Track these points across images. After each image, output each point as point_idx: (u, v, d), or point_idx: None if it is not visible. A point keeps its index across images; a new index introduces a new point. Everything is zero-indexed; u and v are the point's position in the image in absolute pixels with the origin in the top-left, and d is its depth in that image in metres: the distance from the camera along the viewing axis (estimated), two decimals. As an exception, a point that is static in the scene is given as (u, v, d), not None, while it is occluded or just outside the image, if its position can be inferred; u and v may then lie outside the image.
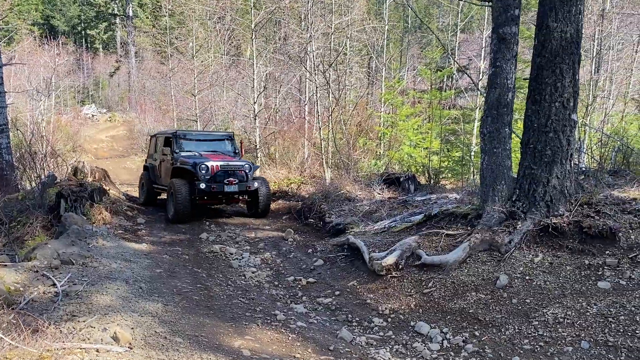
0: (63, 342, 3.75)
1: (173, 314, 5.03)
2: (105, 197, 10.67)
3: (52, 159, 13.05)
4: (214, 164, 10.92)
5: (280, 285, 7.06)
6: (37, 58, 29.29)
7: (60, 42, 33.14)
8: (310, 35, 17.43)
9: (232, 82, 23.96)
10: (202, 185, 10.58)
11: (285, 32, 22.53)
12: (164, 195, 12.39)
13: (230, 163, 11.18)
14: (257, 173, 13.60)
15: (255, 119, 17.84)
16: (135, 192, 14.74)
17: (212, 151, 12.10)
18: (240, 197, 11.46)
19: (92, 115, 37.36)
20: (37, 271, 5.68)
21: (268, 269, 7.81)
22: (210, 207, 12.34)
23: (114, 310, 4.68)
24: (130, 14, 40.74)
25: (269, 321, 5.39)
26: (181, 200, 10.45)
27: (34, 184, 11.24)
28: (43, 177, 11.16)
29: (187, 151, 11.73)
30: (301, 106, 21.17)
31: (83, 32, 50.92)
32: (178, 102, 25.95)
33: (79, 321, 4.32)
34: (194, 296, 5.97)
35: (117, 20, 46.93)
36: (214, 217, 11.63)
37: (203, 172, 10.73)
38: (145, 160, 14.26)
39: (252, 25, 18.02)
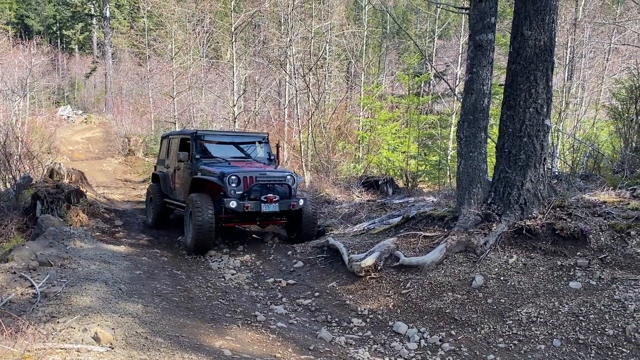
0: (44, 342, 3.74)
1: (153, 314, 5.04)
2: (82, 199, 10.56)
3: (28, 161, 12.89)
4: (247, 174, 8.46)
5: (260, 287, 7.10)
6: (12, 58, 28.77)
7: (35, 42, 32.60)
8: (290, 39, 17.52)
9: (211, 85, 23.91)
10: (233, 204, 8.08)
11: (265, 36, 22.58)
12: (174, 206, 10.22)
13: (269, 173, 8.69)
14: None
15: (234, 122, 17.83)
16: (113, 195, 14.58)
17: (241, 157, 9.71)
18: (280, 219, 9.13)
19: (68, 117, 36.76)
20: (14, 272, 5.63)
21: (248, 271, 7.84)
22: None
23: (94, 311, 4.67)
24: (108, 14, 40.25)
25: (249, 322, 5.43)
26: (203, 222, 7.94)
27: (8, 186, 11.08)
28: (18, 178, 11.03)
29: (210, 157, 9.38)
30: (281, 109, 21.24)
31: (58, 32, 50.18)
32: (156, 103, 25.80)
33: (58, 322, 4.31)
34: (174, 297, 5.98)
35: (94, 21, 46.30)
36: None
37: (233, 185, 8.32)
38: (155, 167, 11.71)
39: (232, 29, 18.04)
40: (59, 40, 49.92)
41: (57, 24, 49.73)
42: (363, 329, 5.59)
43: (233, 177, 8.35)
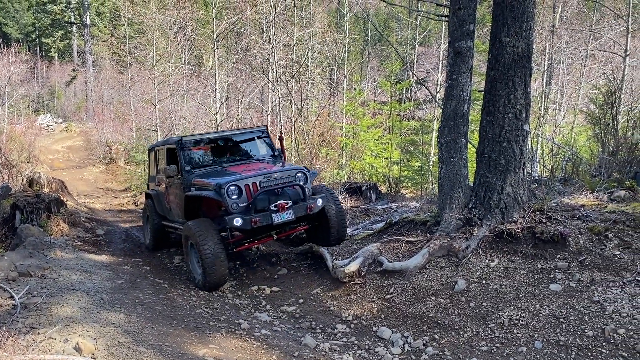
0: (24, 354, 3.69)
1: (136, 324, 5.00)
2: (63, 209, 10.44)
3: (6, 170, 12.71)
4: (248, 180, 7.08)
5: (243, 295, 7.08)
6: (-11, 66, 28.39)
7: (13, 50, 32.19)
8: (272, 47, 17.56)
9: (193, 92, 23.81)
10: (237, 221, 6.69)
11: (248, 43, 22.59)
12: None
13: (274, 175, 7.27)
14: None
15: (217, 129, 17.78)
16: (94, 204, 14.43)
17: (239, 160, 8.42)
18: (300, 226, 7.89)
19: (48, 126, 36.32)
20: (-7, 284, 5.54)
21: (231, 278, 7.80)
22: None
23: (75, 322, 4.61)
24: (88, 22, 39.96)
25: (233, 330, 5.41)
26: (211, 257, 6.63)
27: (-13, 196, 10.89)
28: (-3, 188, 10.84)
29: (202, 165, 8.11)
30: (264, 116, 21.23)
31: (38, 40, 49.59)
32: (137, 111, 25.62)
33: (39, 333, 4.25)
34: (157, 306, 5.93)
35: (74, 29, 45.91)
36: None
37: (234, 197, 6.92)
38: (147, 185, 10.44)
39: (214, 36, 18.02)
40: (38, 48, 49.33)
41: (37, 32, 49.16)
42: (347, 334, 5.60)
43: (232, 188, 6.90)
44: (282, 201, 7.01)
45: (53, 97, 44.92)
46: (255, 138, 8.78)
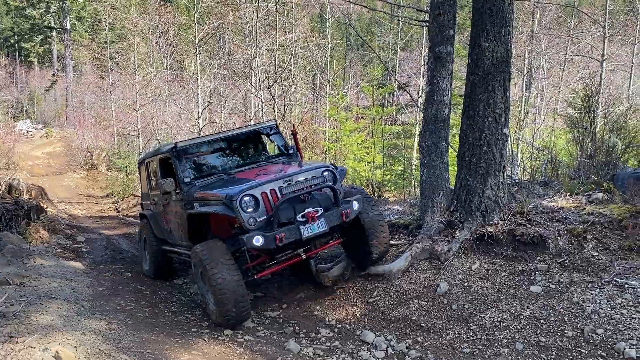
0: (1, 363, 3.64)
1: (117, 331, 4.95)
2: (43, 215, 10.29)
3: (-16, 177, 12.48)
4: (265, 187, 5.65)
5: (227, 300, 7.03)
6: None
7: (-9, 55, 31.73)
8: (254, 51, 17.55)
9: (175, 97, 23.69)
10: (258, 240, 5.27)
11: (230, 48, 22.55)
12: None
13: (296, 176, 5.84)
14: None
15: (200, 134, 17.70)
16: (75, 210, 14.26)
17: (249, 163, 7.10)
18: (333, 240, 6.35)
19: (27, 131, 35.78)
20: (-30, 292, 5.44)
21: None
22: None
23: (55, 330, 4.55)
24: (68, 27, 39.51)
25: (215, 336, 5.38)
26: (224, 287, 5.31)
27: (-36, 203, 10.69)
28: (-26, 195, 10.66)
29: (205, 175, 6.73)
30: (247, 121, 21.18)
31: (17, 45, 48.89)
32: (119, 117, 25.40)
33: (17, 342, 4.18)
34: (139, 313, 5.88)
35: (54, 34, 45.34)
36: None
37: (249, 210, 5.48)
38: (141, 204, 9.01)
39: (196, 41, 17.98)
40: (17, 53, 48.59)
41: (15, 37, 48.45)
42: (331, 339, 5.60)
43: (246, 199, 5.48)
44: (310, 209, 5.58)
45: (33, 103, 44.28)
46: (264, 136, 7.48)
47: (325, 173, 6.02)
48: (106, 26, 25.24)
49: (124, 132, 24.84)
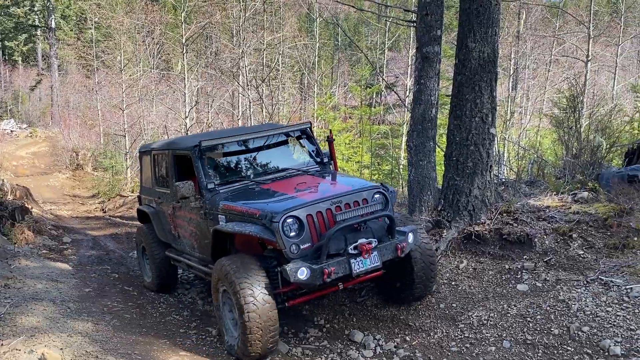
0: (-14, 366, 3.59)
1: (104, 332, 4.91)
2: (28, 216, 10.18)
3: (-32, 177, 12.32)
4: (311, 209, 4.75)
5: (215, 301, 7.01)
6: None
7: (-26, 53, 31.30)
8: (242, 51, 17.51)
9: (162, 97, 23.56)
10: (302, 273, 4.42)
11: (217, 47, 22.49)
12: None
13: (346, 197, 4.93)
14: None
15: (187, 134, 17.61)
16: (61, 211, 14.11)
17: (279, 172, 5.92)
18: (377, 273, 5.20)
19: (11, 131, 35.34)
20: (-47, 295, 5.38)
21: (201, 285, 7.72)
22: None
23: (41, 332, 4.51)
24: (53, 25, 39.03)
25: (203, 337, 5.36)
26: (260, 313, 4.46)
27: (-53, 204, 10.55)
28: (-43, 196, 10.52)
29: (229, 181, 5.67)
30: (234, 121, 21.12)
31: (0, 43, 48.30)
32: (105, 116, 25.21)
33: (2, 344, 4.14)
34: (126, 314, 5.84)
35: (39, 32, 44.84)
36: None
37: (292, 235, 4.62)
38: (138, 197, 7.77)
39: (183, 40, 17.89)
40: (0, 52, 48.02)
41: (-1, 35, 47.90)
42: (319, 338, 5.60)
43: (290, 220, 4.62)
44: (364, 240, 4.72)
45: (17, 102, 43.74)
46: (296, 139, 6.39)
47: (376, 195, 5.14)
48: (92, 25, 25.02)
49: (110, 132, 24.66)
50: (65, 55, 39.02)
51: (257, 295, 4.46)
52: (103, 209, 16.74)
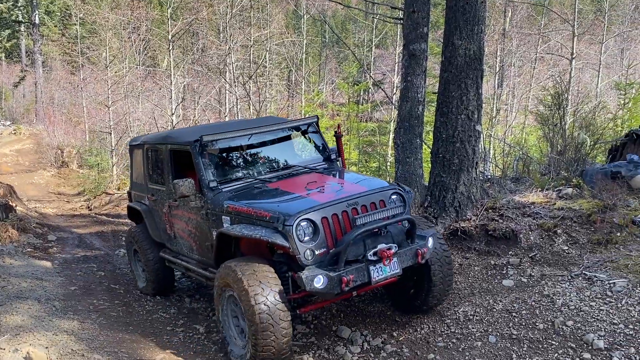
0: (-30, 365, 3.56)
1: (90, 331, 4.88)
2: (12, 214, 10.05)
3: (-50, 175, 12.15)
4: (327, 211, 4.45)
5: (202, 299, 6.98)
6: None
7: (-44, 49, 30.82)
8: (229, 47, 17.44)
9: (148, 93, 23.39)
10: (319, 281, 4.12)
11: (204, 44, 22.35)
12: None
13: (362, 198, 4.67)
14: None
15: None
16: (46, 209, 13.96)
17: (285, 169, 5.61)
18: (393, 279, 4.72)
19: (-6, 128, 34.90)
20: (-64, 294, 5.31)
21: (189, 282, 7.70)
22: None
23: (25, 330, 4.47)
24: (37, 21, 38.52)
25: (191, 334, 5.35)
26: (274, 318, 4.19)
27: None
28: (-61, 194, 10.37)
29: (232, 179, 5.33)
30: (221, 118, 21.04)
31: (-18, 39, 47.61)
32: (90, 113, 24.96)
33: (-14, 343, 4.10)
34: (112, 312, 5.81)
35: (22, 28, 44.24)
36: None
37: (306, 240, 4.34)
38: (128, 193, 7.40)
39: (169, 36, 17.77)
40: (-17, 48, 47.34)
41: (-19, 31, 47.18)
42: (307, 335, 5.61)
43: (304, 223, 4.32)
44: (384, 245, 4.41)
45: (0, 99, 43.20)
46: (301, 135, 6.02)
47: (394, 196, 4.86)
48: (76, 21, 24.74)
49: (95, 129, 24.42)
50: (49, 52, 38.55)
51: (271, 303, 4.15)
52: (89, 207, 16.59)
